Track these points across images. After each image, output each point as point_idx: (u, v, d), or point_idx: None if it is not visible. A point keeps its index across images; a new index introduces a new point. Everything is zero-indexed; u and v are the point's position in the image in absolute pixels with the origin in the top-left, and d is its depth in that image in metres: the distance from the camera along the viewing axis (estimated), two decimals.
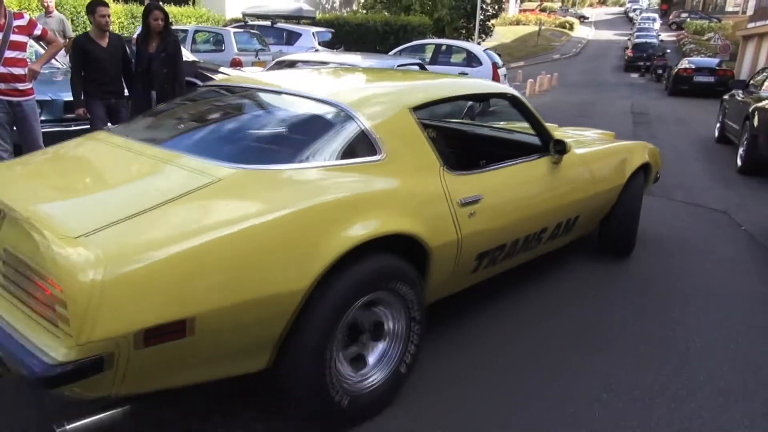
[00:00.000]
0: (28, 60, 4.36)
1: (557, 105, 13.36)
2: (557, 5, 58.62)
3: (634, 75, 23.76)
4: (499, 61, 12.09)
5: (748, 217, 5.13)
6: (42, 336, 1.56)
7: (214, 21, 16.57)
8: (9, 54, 4.15)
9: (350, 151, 2.22)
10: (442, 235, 2.32)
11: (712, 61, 18.00)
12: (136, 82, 5.05)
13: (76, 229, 1.62)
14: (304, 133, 2.40)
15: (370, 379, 2.17)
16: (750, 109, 7.06)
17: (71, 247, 1.54)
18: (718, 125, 9.31)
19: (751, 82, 8.54)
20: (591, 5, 69.67)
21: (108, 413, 1.69)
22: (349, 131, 2.26)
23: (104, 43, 4.82)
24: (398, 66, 6.31)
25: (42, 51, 6.54)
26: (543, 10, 52.23)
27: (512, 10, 48.03)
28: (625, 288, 3.56)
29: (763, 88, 7.67)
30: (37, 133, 4.45)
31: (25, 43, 4.28)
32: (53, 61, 6.33)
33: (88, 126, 5.02)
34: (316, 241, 1.86)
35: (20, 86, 4.26)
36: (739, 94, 8.23)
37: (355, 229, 1.95)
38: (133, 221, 1.68)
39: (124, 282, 1.53)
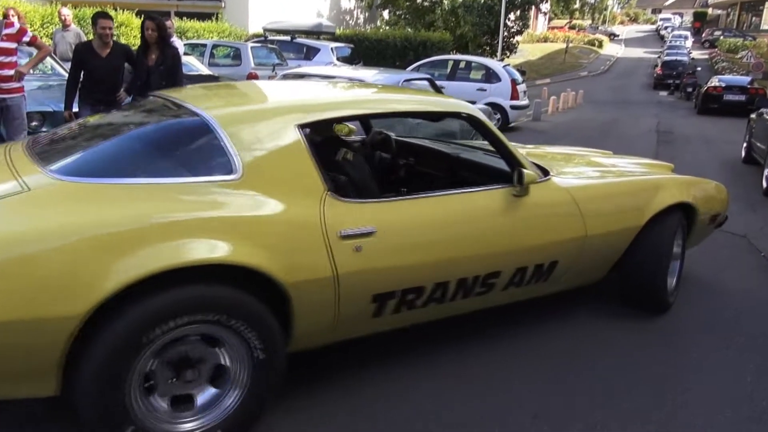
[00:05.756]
0: (17, 63, 4.88)
1: (580, 123, 13.06)
2: (587, 23, 58.08)
3: (663, 93, 23.20)
4: (519, 78, 11.86)
5: None
6: None
7: (236, 36, 16.73)
8: None
9: (199, 167, 2.14)
10: (307, 271, 2.08)
11: (744, 80, 17.45)
12: (135, 95, 5.03)
13: None
14: (157, 146, 2.36)
15: (189, 425, 1.99)
16: None
17: None
18: (744, 145, 8.92)
19: None
20: (622, 23, 68.85)
21: None
22: (204, 145, 2.18)
23: (104, 53, 4.88)
24: (404, 81, 6.16)
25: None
26: (572, 27, 51.74)
27: (540, 27, 47.73)
28: (624, 321, 3.30)
29: None
30: (20, 128, 4.90)
31: (14, 49, 4.82)
32: (62, 71, 6.43)
33: None
34: (97, 270, 1.75)
35: (5, 86, 4.78)
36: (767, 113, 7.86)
37: (142, 258, 1.78)
38: None
39: None
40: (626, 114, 15.54)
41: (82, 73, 4.93)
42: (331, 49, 13.11)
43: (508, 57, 22.62)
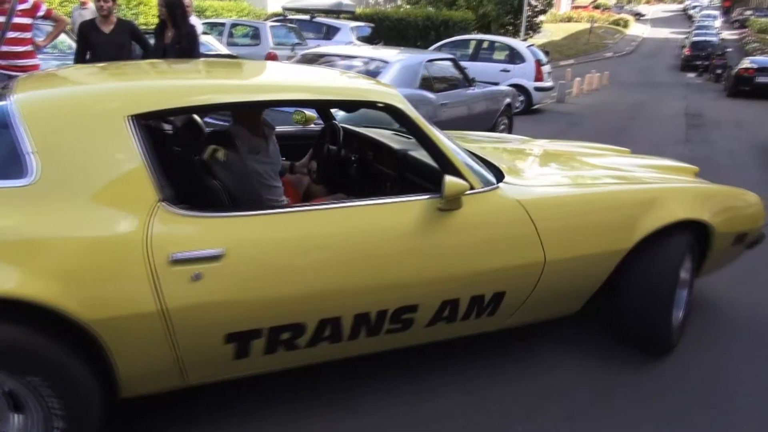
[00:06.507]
0: (32, 39, 4.83)
1: (605, 105, 12.72)
2: (612, 2, 56.69)
3: (691, 75, 22.60)
4: (544, 58, 11.54)
5: None
6: None
7: (255, 15, 16.56)
8: (11, 34, 4.60)
9: None
10: (120, 305, 1.67)
11: None
12: None
13: None
14: None
15: None
16: None
17: None
18: None
19: None
20: (648, 2, 67.13)
21: None
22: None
23: (107, 29, 4.78)
24: (427, 61, 5.96)
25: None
26: (597, 6, 50.56)
27: (564, 6, 46.71)
28: None
29: None
30: None
31: (29, 25, 4.72)
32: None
33: None
34: None
35: (20, 62, 4.68)
36: None
37: None
38: None
39: None
40: (653, 96, 15.12)
41: (89, 52, 4.84)
42: (351, 28, 12.89)
43: (531, 37, 22.16)
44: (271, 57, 10.51)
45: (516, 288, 2.28)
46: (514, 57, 11.16)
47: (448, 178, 2.01)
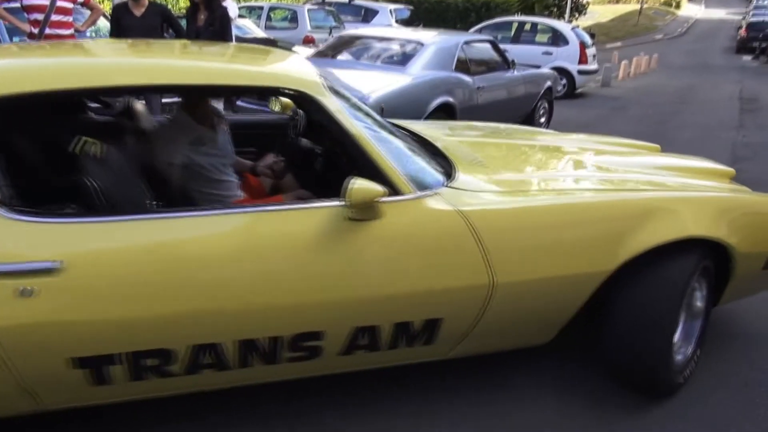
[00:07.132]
0: (73, 24, 4.96)
1: (653, 89, 12.21)
2: None
3: (747, 57, 21.52)
4: (588, 41, 11.14)
5: None
6: None
7: None
8: (55, 18, 4.73)
9: None
10: None
11: None
12: None
13: None
14: None
15: None
16: None
17: None
18: None
19: None
20: None
21: None
22: None
23: (138, 12, 4.81)
24: (464, 42, 5.78)
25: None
26: None
27: None
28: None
29: None
30: None
31: (71, 9, 4.86)
32: None
33: None
34: None
35: None
36: None
37: None
38: None
39: None
40: (705, 80, 14.44)
41: (120, 35, 4.86)
42: (390, 11, 12.77)
43: (576, 19, 21.48)
44: (309, 40, 10.48)
45: (455, 315, 1.91)
46: (558, 39, 10.81)
47: (354, 182, 1.66)
